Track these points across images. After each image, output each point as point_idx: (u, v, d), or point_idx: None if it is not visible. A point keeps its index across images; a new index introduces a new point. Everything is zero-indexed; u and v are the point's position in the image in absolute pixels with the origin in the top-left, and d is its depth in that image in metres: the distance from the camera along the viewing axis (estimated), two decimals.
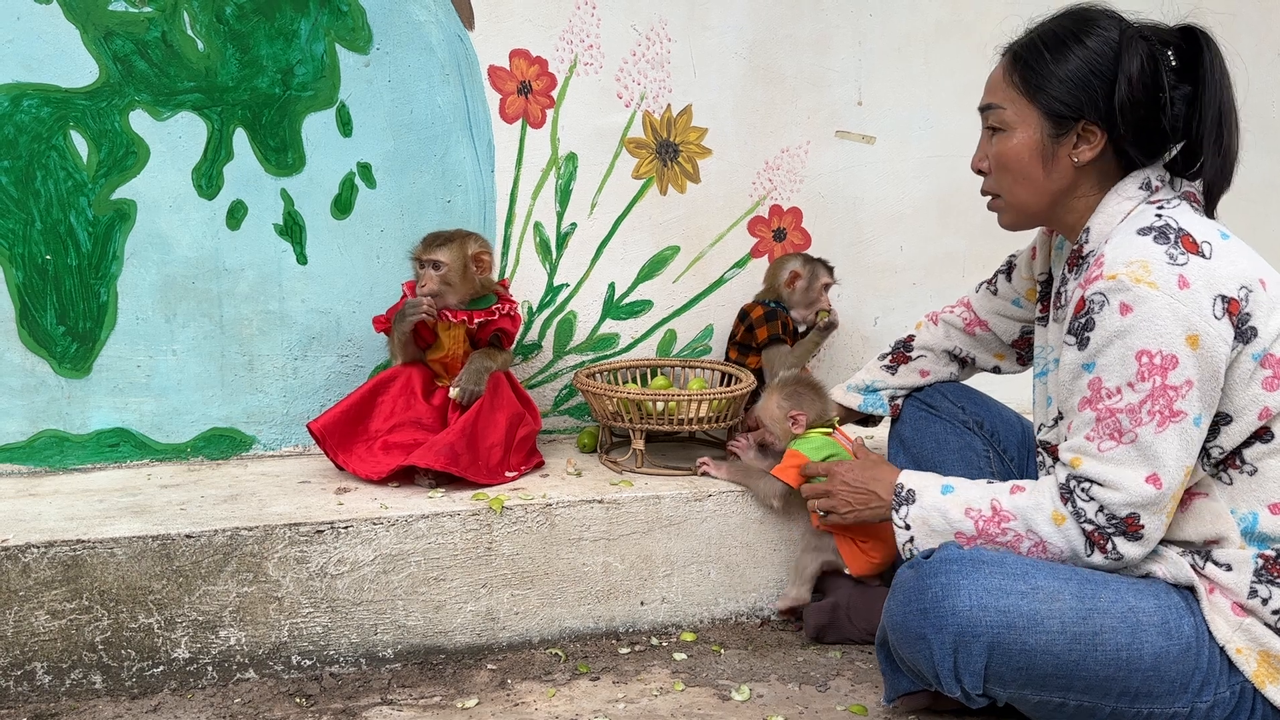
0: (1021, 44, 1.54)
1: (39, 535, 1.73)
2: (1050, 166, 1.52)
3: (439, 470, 1.93)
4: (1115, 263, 1.39)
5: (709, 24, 2.29)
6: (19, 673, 1.72)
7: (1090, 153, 1.50)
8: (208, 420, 2.18)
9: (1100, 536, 1.43)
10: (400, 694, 1.77)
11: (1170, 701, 1.39)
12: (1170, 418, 1.37)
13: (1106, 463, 1.41)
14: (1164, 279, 1.36)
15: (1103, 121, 1.48)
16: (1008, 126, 1.53)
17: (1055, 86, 1.48)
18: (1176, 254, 1.38)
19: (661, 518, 1.96)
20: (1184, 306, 1.35)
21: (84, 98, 2.02)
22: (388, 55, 2.14)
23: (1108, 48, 1.46)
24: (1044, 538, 1.47)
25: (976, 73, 1.58)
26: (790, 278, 2.27)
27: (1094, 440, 1.42)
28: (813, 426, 1.96)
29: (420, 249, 2.05)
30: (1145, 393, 1.37)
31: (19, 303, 2.06)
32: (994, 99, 1.55)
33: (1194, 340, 1.35)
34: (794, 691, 1.77)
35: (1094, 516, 1.43)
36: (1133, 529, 1.41)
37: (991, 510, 1.50)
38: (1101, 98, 1.46)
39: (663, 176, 2.33)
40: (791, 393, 1.98)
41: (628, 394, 2.04)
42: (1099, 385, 1.41)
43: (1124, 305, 1.37)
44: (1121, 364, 1.38)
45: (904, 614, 1.45)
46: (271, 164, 2.13)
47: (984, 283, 1.94)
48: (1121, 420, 1.39)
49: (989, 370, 1.98)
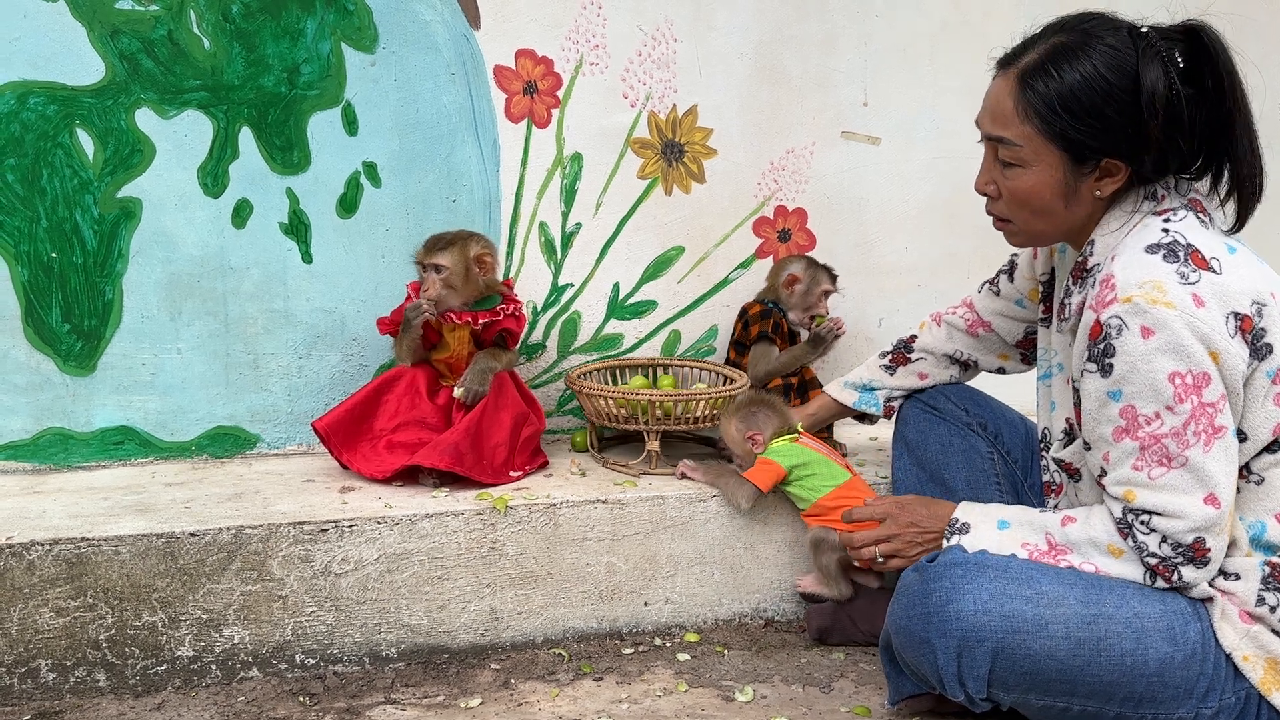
0: (1029, 69, 1.44)
1: (43, 533, 1.74)
2: (1073, 202, 1.48)
3: (444, 470, 1.93)
4: (1128, 284, 1.36)
5: (715, 24, 2.29)
6: (23, 670, 1.72)
7: (1114, 185, 1.46)
8: (212, 419, 2.18)
9: (1166, 568, 1.40)
10: (404, 693, 1.77)
11: (1175, 707, 1.39)
12: (1214, 434, 1.36)
13: (1161, 490, 1.38)
14: (1179, 299, 1.34)
15: (1128, 158, 1.43)
16: (1024, 163, 1.47)
17: (1078, 129, 1.41)
18: (1188, 272, 1.36)
19: (665, 518, 1.96)
20: (1203, 324, 1.33)
21: (90, 96, 2.02)
22: (394, 54, 2.14)
23: (1127, 79, 1.39)
24: (1103, 569, 1.44)
25: (982, 74, 1.56)
26: (789, 280, 2.26)
27: (1142, 469, 1.39)
28: (776, 437, 1.96)
29: (422, 253, 2.05)
30: (1186, 414, 1.35)
31: (24, 300, 2.06)
32: (1007, 134, 1.46)
33: (1216, 357, 1.34)
34: (797, 693, 1.77)
35: (1158, 549, 1.40)
36: (1200, 554, 1.38)
37: (1048, 545, 1.48)
38: (1127, 136, 1.40)
39: (668, 177, 2.33)
40: (746, 414, 1.98)
41: (621, 394, 2.04)
42: (1134, 413, 1.38)
43: (1144, 329, 1.34)
44: (1154, 389, 1.35)
45: (908, 617, 1.45)
46: (277, 163, 2.13)
47: (986, 282, 1.93)
48: (1169, 445, 1.37)
49: (993, 371, 1.98)
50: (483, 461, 1.98)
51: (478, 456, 1.98)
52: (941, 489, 1.86)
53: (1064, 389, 1.61)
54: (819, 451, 1.94)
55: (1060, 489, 1.64)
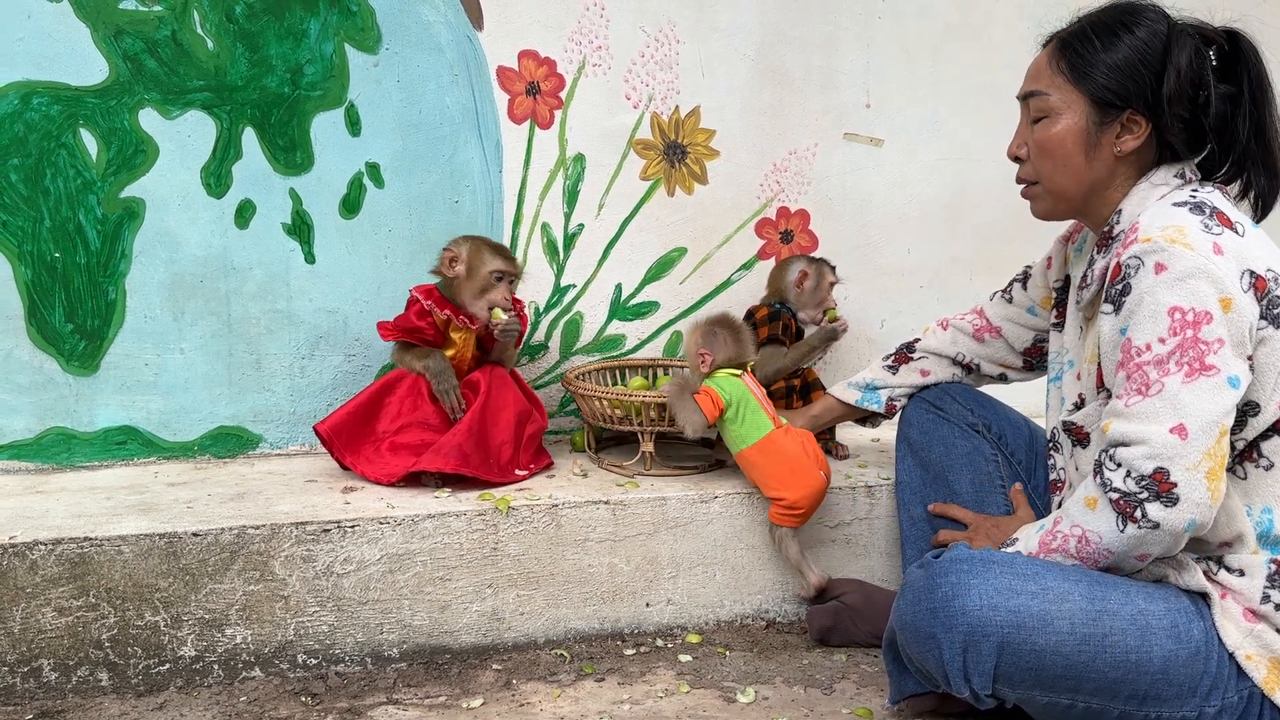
0: (1070, 32, 1.54)
1: (46, 532, 1.74)
2: (1093, 154, 1.52)
3: (450, 472, 1.93)
4: (1150, 228, 1.39)
5: (717, 25, 2.30)
6: (26, 670, 1.72)
7: (1134, 142, 1.50)
8: (215, 419, 2.18)
9: (1129, 504, 1.35)
10: (405, 693, 1.77)
11: (1178, 705, 1.39)
12: (1201, 370, 1.33)
13: (1132, 418, 1.36)
14: (1199, 243, 1.36)
15: (1149, 112, 1.48)
16: (1052, 112, 1.53)
17: (1103, 74, 1.48)
18: (1211, 224, 1.39)
19: (667, 519, 1.96)
20: (1218, 270, 1.34)
21: (94, 96, 2.03)
22: (397, 55, 2.14)
23: (1157, 40, 1.46)
24: (1084, 527, 1.41)
25: (985, 75, 1.58)
26: (800, 278, 2.27)
27: (1123, 398, 1.38)
28: (723, 368, 1.97)
29: (510, 265, 2.06)
30: (1174, 345, 1.34)
31: (28, 300, 2.06)
32: (1038, 85, 1.55)
33: (1227, 303, 1.34)
34: (799, 694, 1.77)
35: (1120, 483, 1.36)
36: (1165, 489, 1.33)
37: (1053, 521, 1.48)
38: (1149, 88, 1.46)
39: (670, 178, 2.33)
40: (707, 332, 2.00)
41: (616, 395, 2.04)
42: (1130, 345, 1.38)
43: (1158, 265, 1.36)
44: (1152, 320, 1.36)
45: (913, 613, 1.44)
46: (280, 163, 2.13)
47: (998, 291, 1.94)
48: (1149, 373, 1.35)
49: (994, 378, 1.97)
50: (489, 460, 1.98)
51: (483, 456, 1.98)
52: (945, 490, 1.86)
53: (1074, 383, 1.62)
54: (754, 397, 1.95)
55: (1064, 484, 1.64)
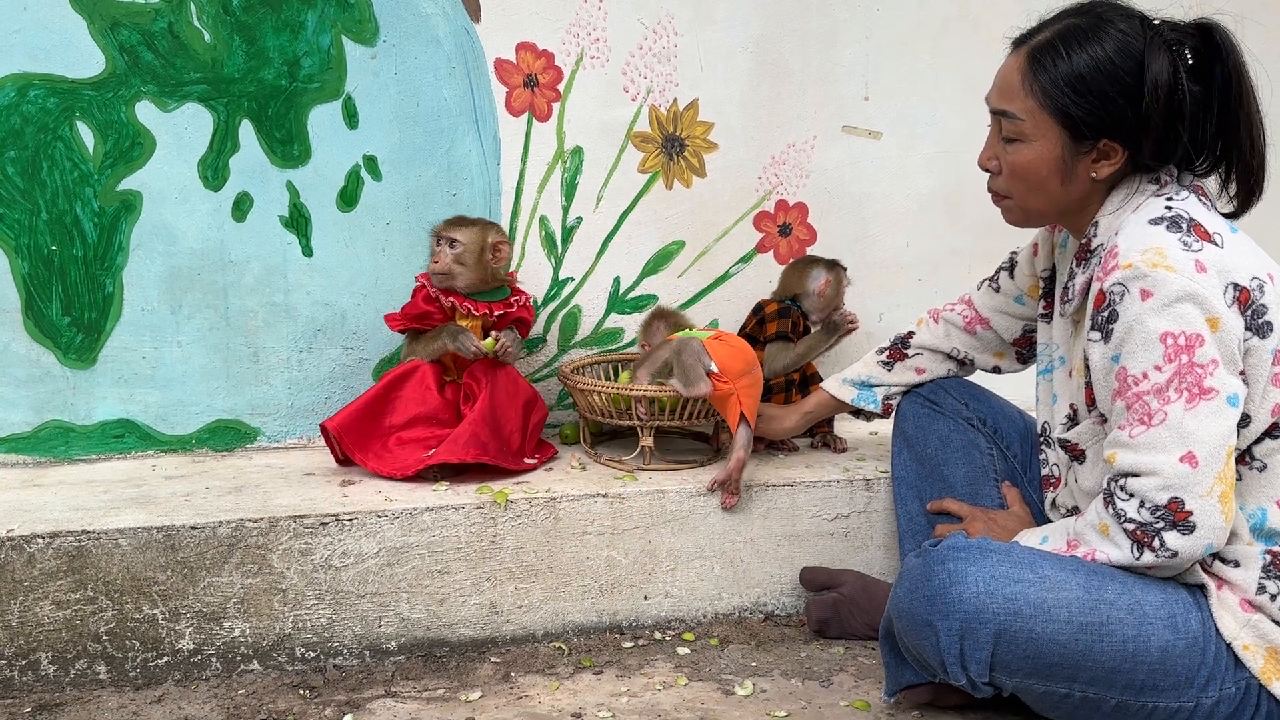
0: (1040, 46, 1.47)
1: (44, 526, 1.74)
2: (1068, 180, 1.50)
3: (471, 462, 1.93)
4: (1130, 251, 1.38)
5: (716, 18, 2.29)
6: (23, 663, 1.72)
7: (1110, 168, 1.48)
8: (212, 412, 2.18)
9: (1145, 534, 1.37)
10: (404, 686, 1.77)
11: (1175, 695, 1.39)
12: (1201, 394, 1.34)
13: (1139, 449, 1.37)
14: (1181, 263, 1.35)
15: (1126, 141, 1.45)
16: (1025, 137, 1.49)
17: (1079, 105, 1.44)
18: (1190, 241, 1.38)
19: (665, 512, 1.96)
20: (1203, 289, 1.34)
21: (90, 88, 2.02)
22: (394, 48, 2.14)
23: (1133, 62, 1.41)
24: (1098, 552, 1.43)
25: (984, 68, 1.57)
26: (824, 285, 2.25)
27: (1125, 429, 1.38)
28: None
29: (441, 225, 2.06)
30: (1172, 372, 1.34)
31: (25, 293, 2.06)
32: (1010, 106, 1.50)
33: (1214, 323, 1.35)
34: (797, 687, 1.77)
35: (1135, 514, 1.38)
36: (1181, 518, 1.35)
37: (1066, 544, 1.48)
38: (1127, 119, 1.43)
39: (668, 171, 2.33)
40: (644, 325, 2.21)
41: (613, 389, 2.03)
42: (1125, 374, 1.38)
43: (1144, 291, 1.35)
44: (1145, 348, 1.36)
45: (910, 601, 1.45)
46: (277, 156, 2.12)
47: (986, 280, 1.94)
48: (1150, 403, 1.36)
49: (988, 370, 1.98)
50: (505, 448, 1.99)
51: (500, 443, 1.98)
52: (940, 484, 1.86)
53: (1065, 381, 1.61)
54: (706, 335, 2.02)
55: (1059, 481, 1.64)
